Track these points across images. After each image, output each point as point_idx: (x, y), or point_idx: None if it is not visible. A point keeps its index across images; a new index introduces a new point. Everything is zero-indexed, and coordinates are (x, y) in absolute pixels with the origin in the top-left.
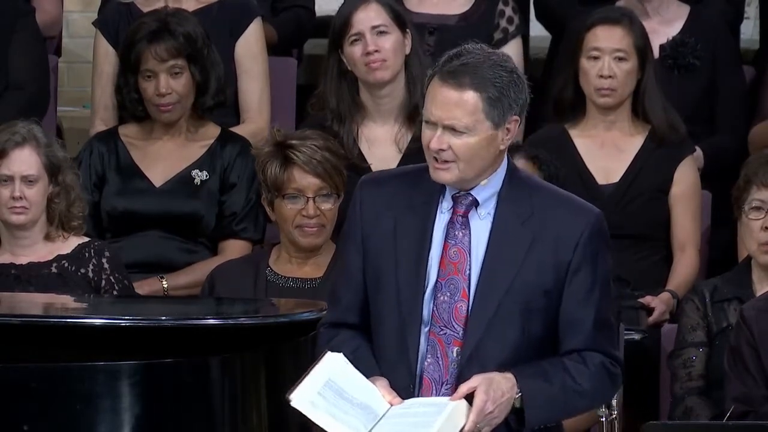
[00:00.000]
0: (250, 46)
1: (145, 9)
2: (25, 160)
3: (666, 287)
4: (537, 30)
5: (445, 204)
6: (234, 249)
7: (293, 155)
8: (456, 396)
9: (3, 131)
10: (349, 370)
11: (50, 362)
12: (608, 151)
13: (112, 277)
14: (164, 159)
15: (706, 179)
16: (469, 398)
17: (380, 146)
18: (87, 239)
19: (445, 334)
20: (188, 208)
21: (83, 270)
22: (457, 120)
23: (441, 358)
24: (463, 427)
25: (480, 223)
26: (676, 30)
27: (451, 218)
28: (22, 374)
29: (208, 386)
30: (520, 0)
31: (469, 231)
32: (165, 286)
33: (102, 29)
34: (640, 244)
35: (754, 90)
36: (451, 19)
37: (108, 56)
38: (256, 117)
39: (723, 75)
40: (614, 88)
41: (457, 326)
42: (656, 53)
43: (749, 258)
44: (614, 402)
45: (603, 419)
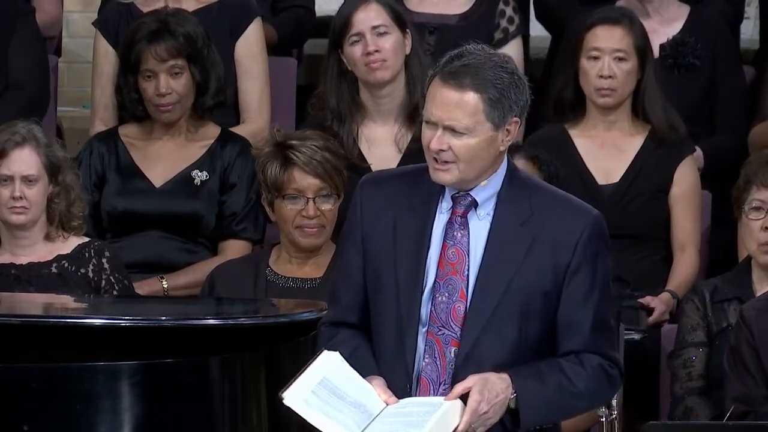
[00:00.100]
0: (250, 46)
1: (145, 9)
2: (25, 160)
3: (666, 287)
4: (537, 30)
5: (445, 204)
6: (234, 249)
7: (293, 155)
8: (451, 396)
9: (3, 131)
10: (345, 369)
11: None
12: (608, 151)
13: (112, 277)
14: (164, 159)
15: (706, 179)
16: (465, 398)
17: (380, 146)
18: (87, 239)
19: (443, 335)
20: (188, 209)
21: (83, 270)
22: (458, 121)
23: (438, 359)
24: (457, 427)
25: (479, 224)
26: (676, 30)
27: (450, 218)
28: (22, 374)
29: (208, 386)
30: (521, 0)
31: (468, 231)
32: (165, 286)
33: (102, 29)
34: (640, 244)
35: (754, 90)
36: (452, 19)
37: (108, 56)
38: (256, 117)
39: (723, 75)
40: (614, 88)
41: (455, 326)
42: (656, 53)
43: (749, 258)
44: (614, 402)
45: (603, 419)
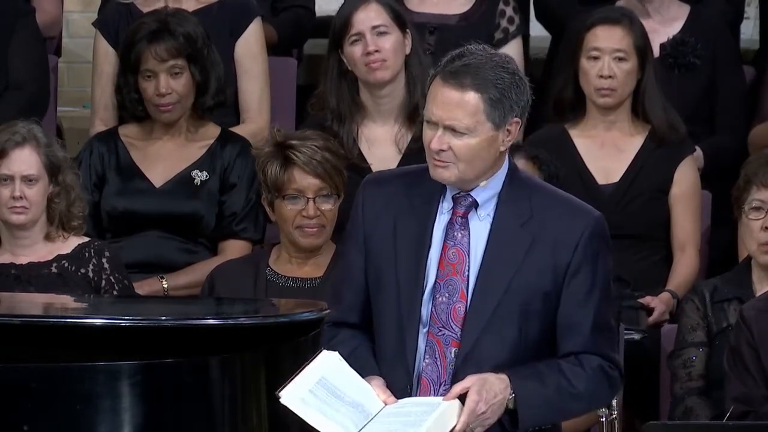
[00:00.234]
0: (250, 46)
1: (145, 9)
2: (26, 160)
3: (666, 287)
4: (537, 30)
5: (446, 205)
6: (234, 249)
7: (293, 156)
8: (449, 396)
9: (3, 131)
10: (344, 369)
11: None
12: (608, 151)
13: (112, 277)
14: (164, 159)
15: (706, 179)
16: (463, 398)
17: (380, 146)
18: (87, 239)
19: (443, 335)
20: (188, 209)
21: (83, 270)
22: (458, 121)
23: (439, 359)
24: (455, 427)
25: (479, 225)
26: (676, 30)
27: (451, 219)
28: (22, 374)
29: (208, 386)
30: (521, 0)
31: (469, 232)
32: (165, 286)
33: (102, 29)
34: (640, 244)
35: (754, 90)
36: (452, 19)
37: (108, 56)
38: (256, 117)
39: (723, 75)
40: (614, 88)
41: (455, 327)
42: (656, 52)
43: (749, 258)
44: (614, 402)
45: (603, 419)
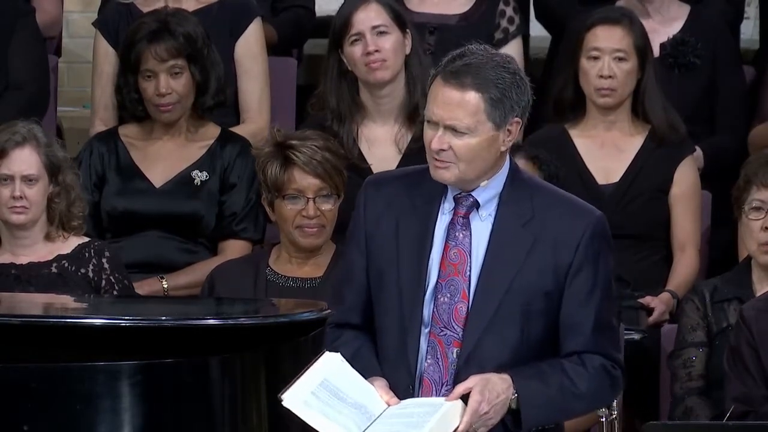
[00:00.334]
0: (250, 46)
1: (145, 9)
2: (26, 160)
3: (666, 287)
4: (537, 30)
5: (447, 205)
6: (234, 249)
7: (293, 156)
8: (452, 396)
9: (3, 131)
10: (346, 370)
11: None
12: (608, 151)
13: (112, 277)
14: (164, 159)
15: (706, 179)
16: (466, 399)
17: (380, 146)
18: (87, 239)
19: (445, 335)
20: (188, 209)
21: (83, 270)
22: (459, 120)
23: (441, 359)
24: (458, 427)
25: (481, 225)
26: (676, 30)
27: (452, 219)
28: (22, 374)
29: (208, 386)
30: (521, 0)
31: (470, 232)
32: (165, 286)
33: (102, 29)
34: (640, 244)
35: (754, 90)
36: (452, 19)
37: (108, 56)
38: (256, 117)
39: (723, 75)
40: (614, 88)
41: (457, 327)
42: (656, 52)
43: (749, 258)
44: (614, 402)
45: (603, 419)
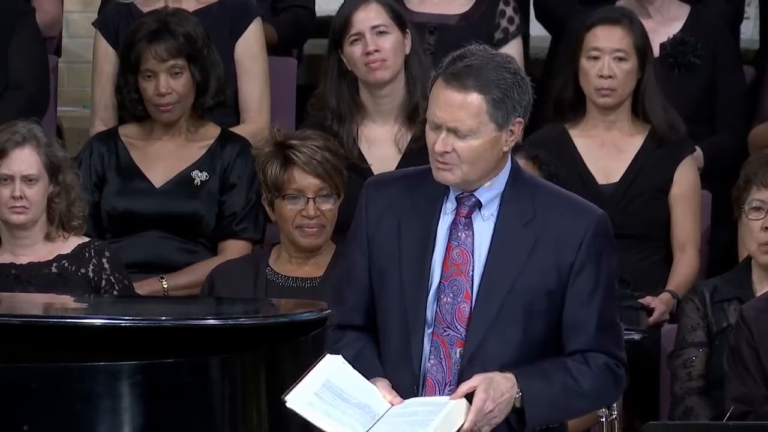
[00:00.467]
0: (250, 46)
1: (145, 9)
2: (26, 160)
3: (666, 287)
4: (537, 30)
5: (449, 205)
6: (234, 249)
7: (293, 155)
8: (456, 395)
9: (3, 131)
10: (348, 371)
11: (50, 362)
12: (608, 151)
13: (113, 277)
14: (164, 159)
15: (706, 179)
16: (470, 398)
17: (380, 146)
18: (87, 239)
19: (448, 336)
20: (188, 209)
21: (83, 270)
22: (461, 122)
23: (444, 360)
24: (462, 426)
25: (483, 225)
26: (676, 30)
27: (455, 219)
28: (22, 374)
29: (208, 386)
30: (521, 0)
31: (472, 232)
32: (165, 286)
33: (102, 29)
34: (640, 244)
35: (754, 90)
36: (452, 19)
37: (108, 56)
38: (256, 117)
39: (723, 75)
40: (614, 88)
41: (460, 327)
42: (656, 52)
43: (749, 258)
44: (614, 402)
45: (603, 419)
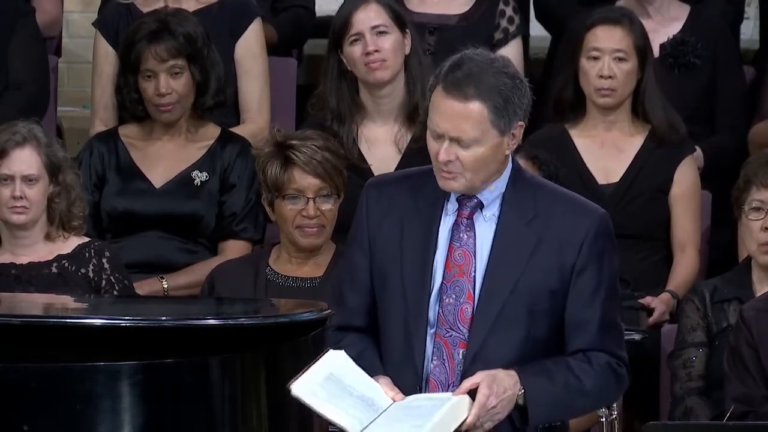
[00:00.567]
0: (250, 47)
1: (145, 9)
2: (26, 160)
3: (666, 287)
4: (537, 30)
5: (450, 206)
6: (234, 249)
7: (293, 156)
8: (459, 391)
9: (3, 131)
10: (351, 367)
11: (50, 362)
12: (608, 151)
13: (113, 277)
14: (164, 159)
15: (706, 179)
16: (472, 395)
17: (380, 146)
18: (87, 239)
19: (451, 336)
20: (188, 209)
21: (83, 270)
22: (465, 132)
23: (447, 360)
24: (465, 420)
25: (485, 225)
26: (676, 30)
27: (456, 220)
28: (22, 374)
29: (208, 386)
30: (521, 0)
31: (474, 233)
32: (165, 287)
33: (102, 30)
34: (641, 245)
35: (754, 90)
36: (452, 19)
37: (108, 56)
38: (256, 117)
39: (723, 75)
40: (614, 89)
41: (463, 328)
42: (656, 52)
43: (749, 258)
44: (614, 402)
45: (603, 419)
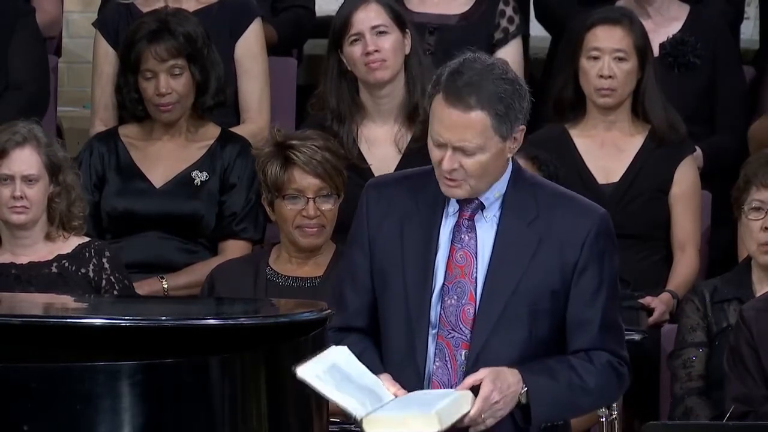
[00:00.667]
0: (250, 46)
1: (145, 9)
2: (26, 160)
3: (666, 287)
4: (537, 30)
5: (451, 208)
6: (234, 249)
7: (293, 156)
8: (462, 386)
9: (4, 131)
10: (354, 362)
11: (50, 362)
12: (608, 151)
13: (113, 277)
14: (164, 159)
15: (706, 179)
16: (475, 391)
17: (380, 146)
18: (87, 239)
19: (453, 338)
20: (188, 209)
21: (83, 270)
22: (468, 141)
23: (449, 362)
24: (468, 413)
25: (486, 226)
26: (676, 29)
27: (458, 222)
28: (22, 374)
29: (208, 386)
30: (521, 0)
31: (476, 234)
32: (165, 287)
33: (102, 30)
34: (641, 244)
35: (754, 90)
36: (452, 19)
37: (108, 57)
38: (256, 117)
39: (723, 75)
40: (614, 88)
41: (465, 329)
42: (656, 52)
43: (749, 258)
44: (614, 402)
45: (603, 419)
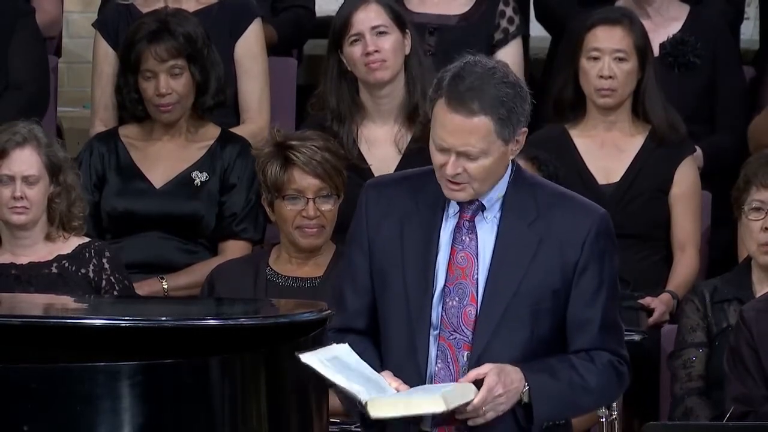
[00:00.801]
0: (250, 47)
1: (145, 9)
2: (26, 160)
3: (666, 288)
4: (537, 30)
5: (452, 209)
6: (234, 249)
7: (293, 156)
8: (465, 379)
9: (4, 131)
10: (355, 358)
11: (50, 363)
12: (608, 151)
13: (113, 278)
14: (164, 160)
15: (706, 179)
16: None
17: (380, 147)
18: (87, 239)
19: (455, 339)
20: (188, 209)
21: (84, 270)
22: (471, 146)
23: (452, 363)
24: (471, 401)
25: (486, 227)
26: (676, 29)
27: (458, 223)
28: (22, 374)
29: (208, 387)
30: (521, 0)
31: (476, 235)
32: (165, 287)
33: (101, 30)
34: (641, 244)
35: (754, 90)
36: (452, 20)
37: (108, 57)
38: (256, 117)
39: (723, 75)
40: (614, 89)
41: (467, 330)
42: (656, 52)
43: (749, 258)
44: (614, 402)
45: (603, 419)
